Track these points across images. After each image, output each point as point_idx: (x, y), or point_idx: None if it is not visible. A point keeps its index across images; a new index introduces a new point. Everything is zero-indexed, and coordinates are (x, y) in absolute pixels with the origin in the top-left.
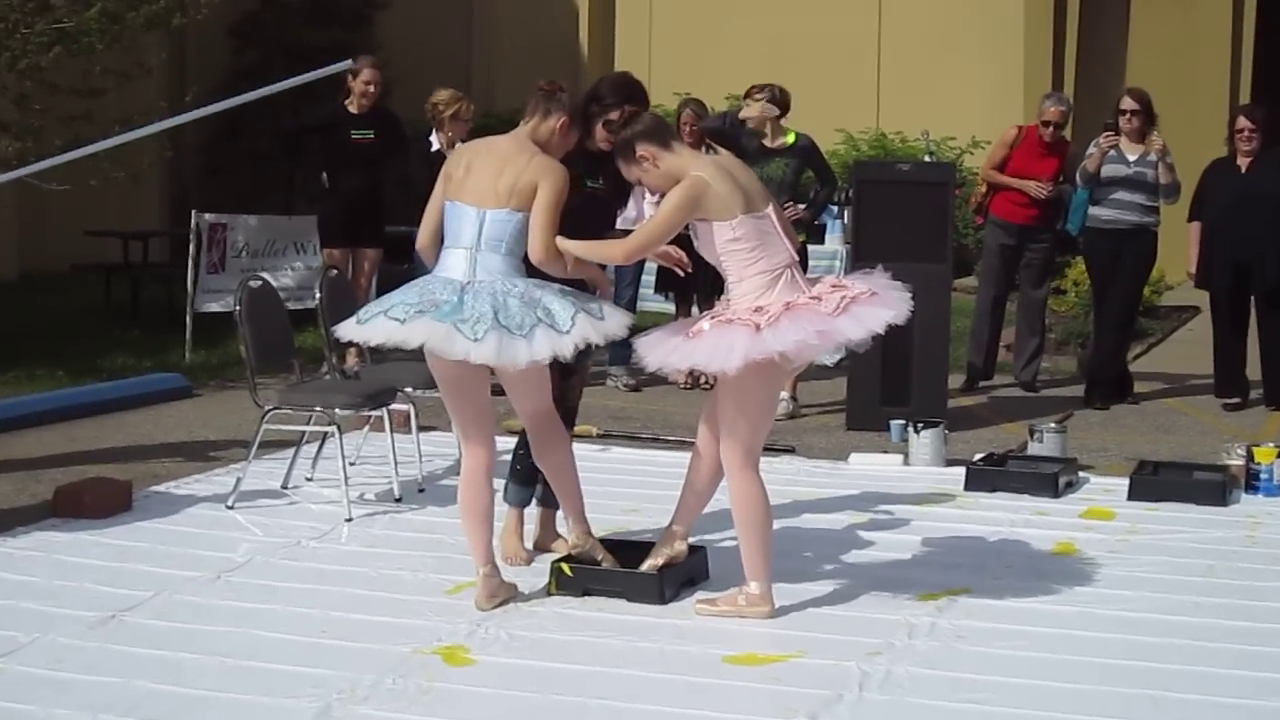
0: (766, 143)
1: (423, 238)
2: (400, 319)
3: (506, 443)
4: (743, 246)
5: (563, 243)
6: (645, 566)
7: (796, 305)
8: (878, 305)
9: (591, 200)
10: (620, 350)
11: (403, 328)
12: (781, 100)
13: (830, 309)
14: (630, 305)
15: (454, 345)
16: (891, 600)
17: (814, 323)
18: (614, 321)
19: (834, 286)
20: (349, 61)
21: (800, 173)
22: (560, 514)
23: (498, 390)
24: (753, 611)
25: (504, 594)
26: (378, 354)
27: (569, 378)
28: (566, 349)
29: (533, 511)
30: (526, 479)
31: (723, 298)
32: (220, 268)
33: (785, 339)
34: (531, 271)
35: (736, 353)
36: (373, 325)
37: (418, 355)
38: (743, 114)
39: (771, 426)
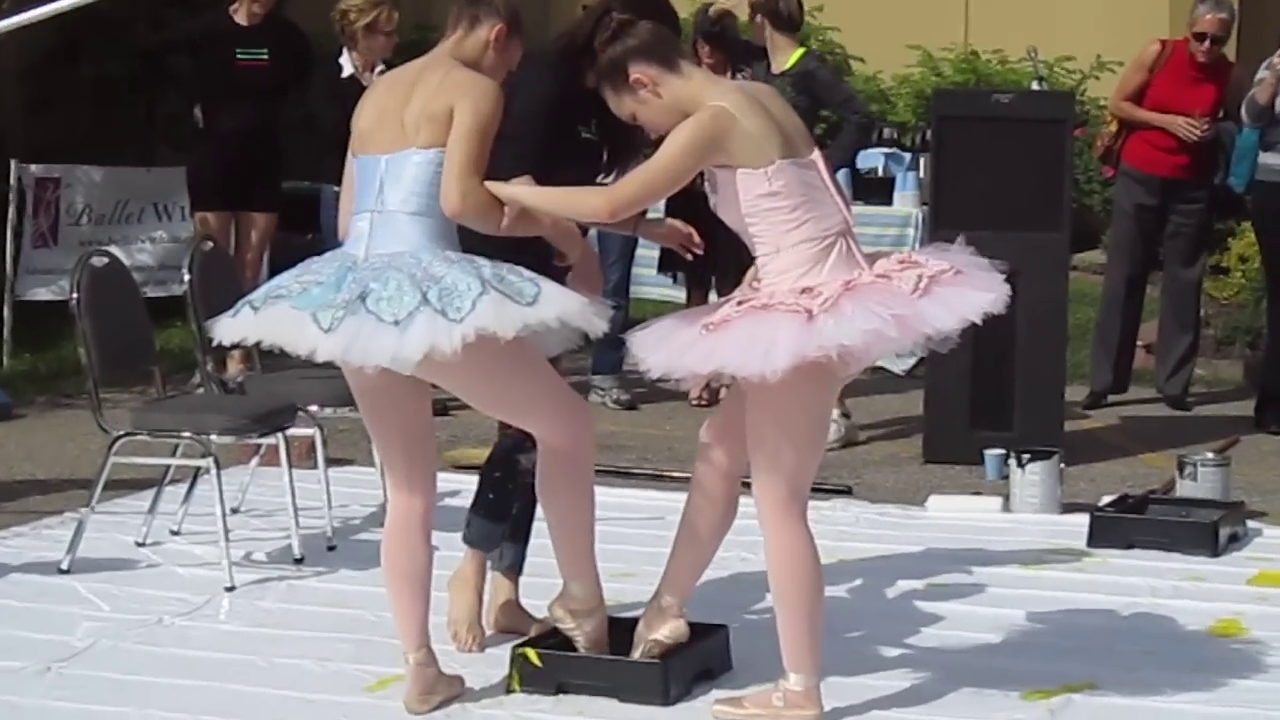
0: (772, 64)
1: (342, 207)
2: (255, 307)
3: (451, 482)
4: (782, 204)
5: (500, 188)
6: (638, 653)
7: (859, 284)
8: (968, 286)
9: (584, 156)
10: (608, 354)
11: (255, 318)
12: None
13: (908, 289)
14: (619, 288)
15: (301, 338)
16: (987, 699)
17: (888, 305)
18: (549, 304)
19: (903, 263)
20: None
21: (812, 110)
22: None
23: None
24: (792, 717)
25: (444, 691)
26: (271, 358)
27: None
28: (449, 343)
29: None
30: (498, 512)
31: (748, 278)
32: (51, 240)
33: (850, 329)
34: (493, 250)
35: (781, 349)
36: (239, 318)
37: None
38: (714, 7)
39: (822, 454)
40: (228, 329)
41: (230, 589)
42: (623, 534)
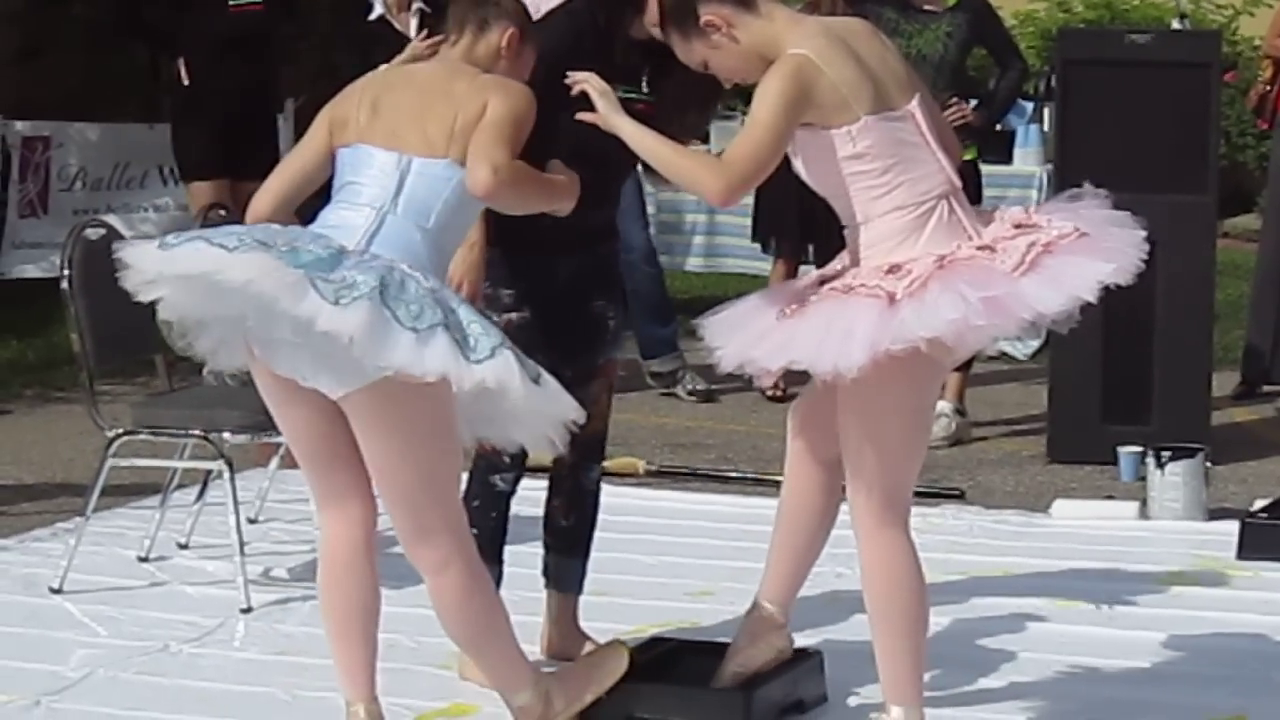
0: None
1: (260, 201)
2: (229, 246)
3: None
4: (869, 167)
5: (610, 117)
6: (725, 678)
7: (955, 260)
8: (1086, 254)
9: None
10: (654, 329)
11: (227, 256)
12: None
13: (1010, 264)
14: (650, 254)
15: (300, 300)
16: None
17: (980, 286)
18: (550, 402)
19: (1019, 227)
20: None
21: (968, 48)
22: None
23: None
24: None
25: None
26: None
27: (586, 384)
28: (469, 381)
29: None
30: (489, 551)
31: (841, 252)
32: (40, 208)
33: (936, 316)
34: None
35: (858, 341)
36: (179, 253)
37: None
38: None
39: (925, 456)
40: (153, 258)
41: (246, 611)
42: (701, 546)
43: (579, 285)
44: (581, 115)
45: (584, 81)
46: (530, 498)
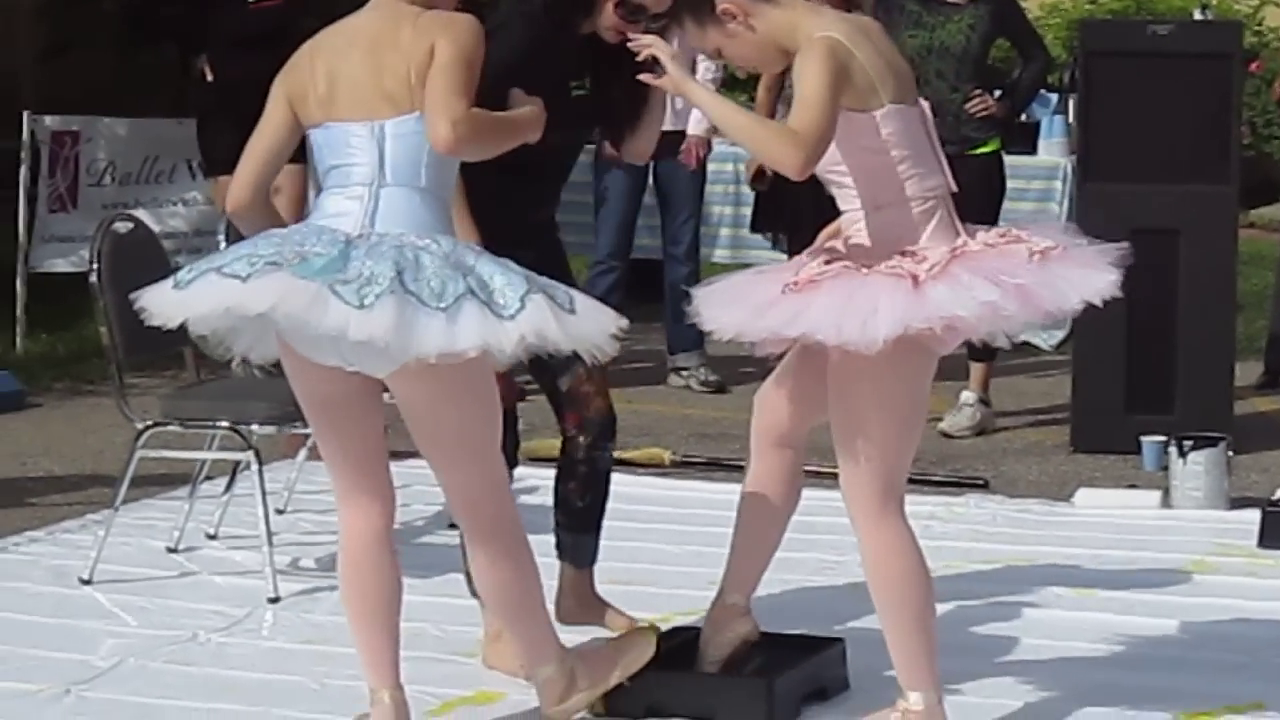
0: None
1: (238, 190)
2: (241, 275)
3: (528, 477)
4: (888, 155)
5: (685, 84)
6: (707, 659)
7: (966, 251)
8: (1082, 263)
9: (576, 116)
10: (687, 328)
11: (242, 287)
12: None
13: (1023, 259)
14: (691, 250)
15: (326, 313)
16: None
17: (1009, 273)
18: (591, 319)
19: (1004, 236)
20: None
21: (991, 39)
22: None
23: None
24: None
25: None
26: (207, 364)
27: (568, 367)
28: (508, 341)
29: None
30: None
31: (825, 234)
32: (70, 203)
33: (966, 298)
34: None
35: (884, 317)
36: (195, 290)
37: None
38: None
39: (917, 446)
40: (172, 302)
41: (274, 600)
42: (724, 535)
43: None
44: (646, 77)
45: (651, 45)
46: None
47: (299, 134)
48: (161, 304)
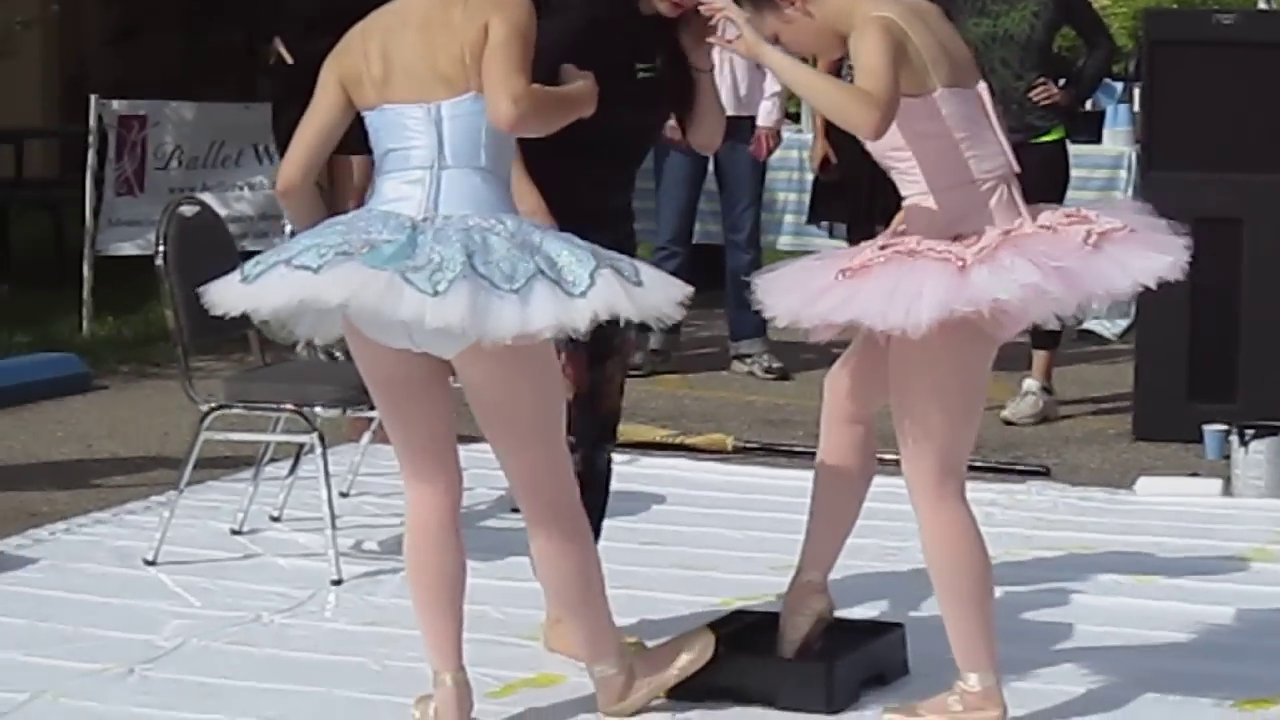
0: None
1: (289, 171)
2: (312, 266)
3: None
4: (942, 139)
5: (762, 49)
6: (784, 650)
7: (1020, 234)
8: (1143, 245)
9: (641, 97)
10: (748, 314)
11: (315, 279)
12: None
13: (1077, 242)
14: (752, 237)
15: (401, 301)
16: (1194, 708)
17: (1053, 256)
18: (659, 290)
19: (1070, 217)
20: None
21: (1056, 27)
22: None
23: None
24: None
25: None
26: (273, 347)
27: (601, 363)
28: (580, 319)
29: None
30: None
31: (896, 222)
32: (137, 186)
33: (1006, 282)
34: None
35: (928, 301)
36: (265, 284)
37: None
38: None
39: (979, 426)
40: (241, 295)
41: (337, 582)
42: (785, 521)
43: None
44: (717, 39)
45: (724, 9)
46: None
47: (350, 116)
48: (230, 298)
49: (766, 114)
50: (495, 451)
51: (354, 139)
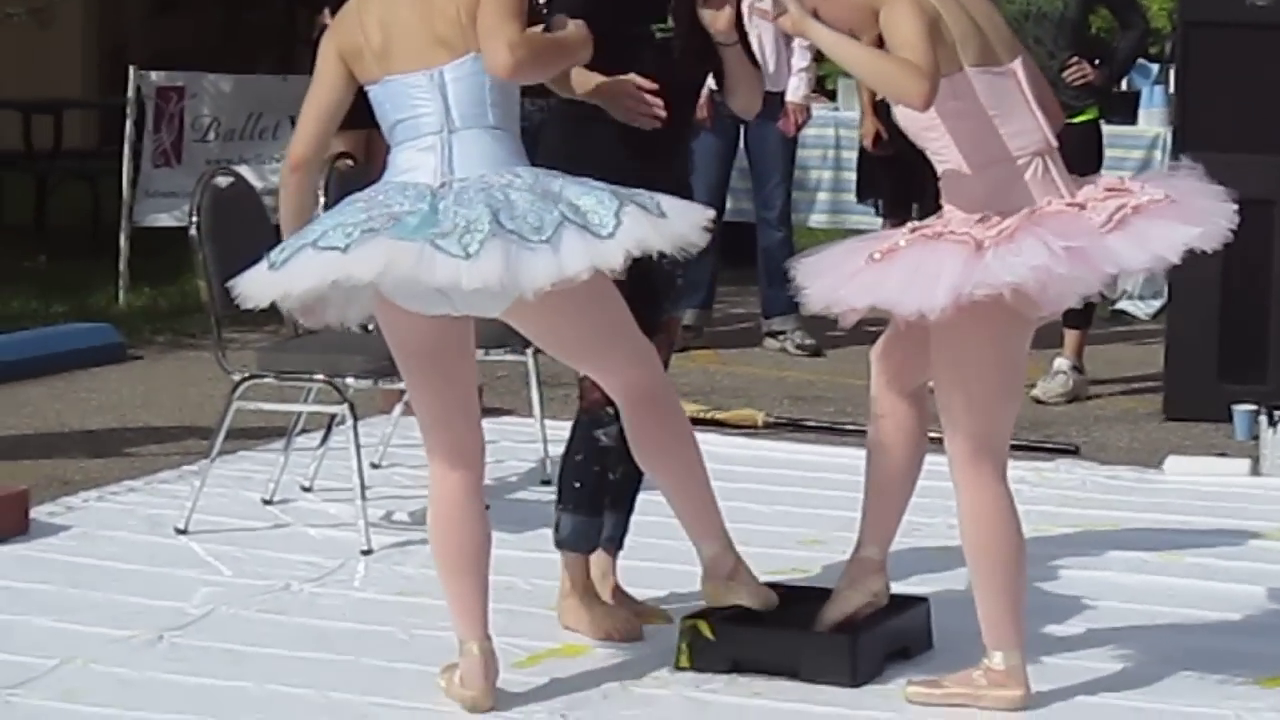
0: None
1: (299, 148)
2: (340, 246)
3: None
4: (971, 118)
5: (803, 21)
6: (824, 623)
7: (1044, 213)
8: (1174, 217)
9: (657, 57)
10: (780, 291)
11: (344, 258)
12: None
13: (1099, 221)
14: (785, 215)
15: (435, 269)
16: (1218, 685)
17: (1065, 236)
18: (682, 219)
19: (1110, 190)
20: None
21: (1089, 6)
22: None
23: None
24: (996, 698)
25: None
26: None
27: (650, 337)
28: (613, 259)
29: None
30: (590, 504)
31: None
32: (174, 158)
33: (1016, 264)
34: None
35: (943, 285)
36: (294, 269)
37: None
38: None
39: (1019, 405)
40: (270, 283)
41: (367, 552)
42: (814, 496)
43: None
44: (763, 10)
45: None
46: None
47: (354, 88)
48: (259, 288)
49: (795, 89)
50: (582, 366)
51: None
